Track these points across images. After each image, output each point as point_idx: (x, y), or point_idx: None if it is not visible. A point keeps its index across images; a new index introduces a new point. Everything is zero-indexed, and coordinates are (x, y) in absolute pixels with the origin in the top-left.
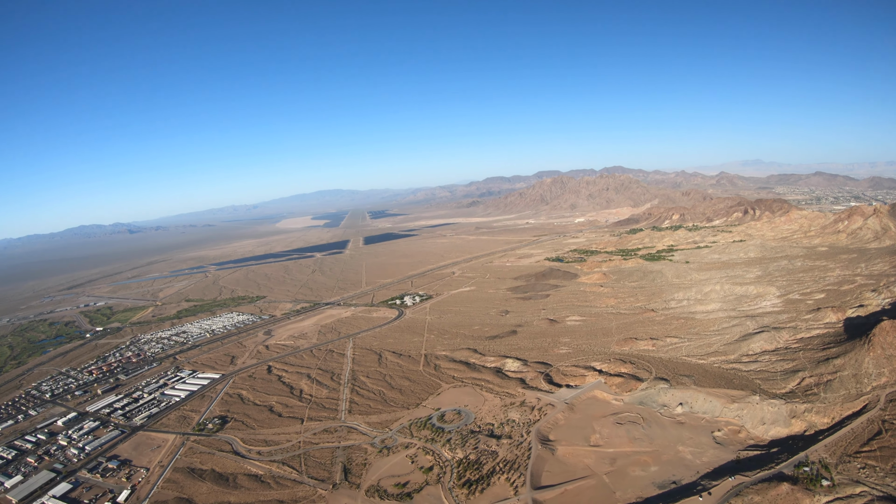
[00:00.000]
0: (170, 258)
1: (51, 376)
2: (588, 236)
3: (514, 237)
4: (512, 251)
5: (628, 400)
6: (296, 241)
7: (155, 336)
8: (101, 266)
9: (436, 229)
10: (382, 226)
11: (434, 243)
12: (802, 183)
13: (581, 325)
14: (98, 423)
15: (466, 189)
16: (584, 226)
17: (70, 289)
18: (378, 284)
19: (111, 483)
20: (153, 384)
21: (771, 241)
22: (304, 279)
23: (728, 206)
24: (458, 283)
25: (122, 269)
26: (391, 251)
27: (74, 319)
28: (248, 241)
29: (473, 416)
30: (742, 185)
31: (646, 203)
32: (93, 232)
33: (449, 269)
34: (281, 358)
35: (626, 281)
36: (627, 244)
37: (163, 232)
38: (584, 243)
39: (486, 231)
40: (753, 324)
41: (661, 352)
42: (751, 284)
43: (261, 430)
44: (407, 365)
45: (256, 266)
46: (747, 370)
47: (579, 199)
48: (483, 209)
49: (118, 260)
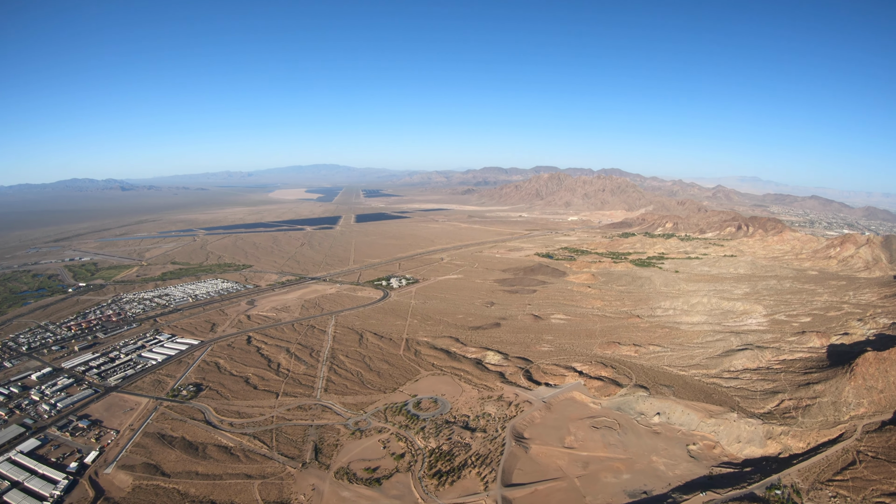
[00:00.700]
0: (160, 219)
1: (29, 329)
2: (580, 235)
3: (506, 229)
4: (503, 243)
5: (606, 404)
6: (287, 213)
7: (137, 296)
8: (90, 221)
9: (428, 213)
10: (375, 205)
11: (425, 227)
12: (798, 205)
13: (565, 324)
14: (72, 380)
15: (463, 176)
16: (576, 224)
17: (57, 241)
18: (366, 263)
19: (80, 443)
20: (131, 345)
21: (762, 259)
22: (292, 252)
23: (722, 220)
24: (445, 270)
25: (110, 226)
26: (382, 231)
27: (58, 273)
28: (240, 208)
29: (450, 406)
30: (738, 201)
31: (640, 208)
32: (85, 186)
33: (438, 254)
34: (262, 329)
35: (615, 284)
36: (618, 247)
37: (155, 191)
38: (576, 242)
39: (479, 220)
40: (737, 340)
41: (643, 359)
42: (738, 300)
43: (235, 402)
44: (387, 348)
45: (246, 234)
46: (727, 386)
47: (574, 198)
48: (477, 198)
49: (108, 216)
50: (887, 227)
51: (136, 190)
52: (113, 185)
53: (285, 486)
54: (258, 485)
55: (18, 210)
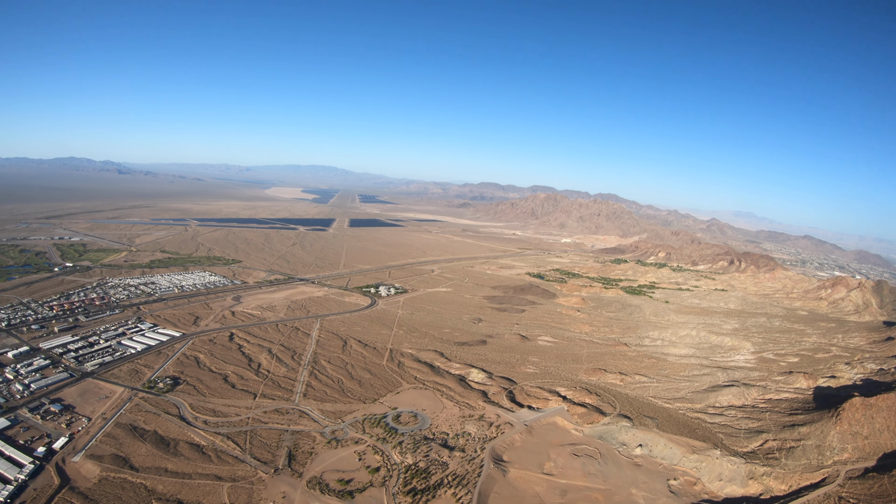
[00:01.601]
0: (153, 205)
1: (10, 305)
2: (572, 258)
3: (499, 246)
4: (494, 259)
5: (588, 432)
6: (282, 211)
7: (123, 282)
8: (83, 201)
9: (423, 224)
10: (371, 211)
11: (418, 238)
12: (790, 243)
13: (552, 347)
14: (49, 361)
15: (459, 189)
16: (569, 247)
17: (48, 218)
18: (356, 269)
19: (50, 427)
20: (112, 331)
21: (753, 295)
22: (283, 251)
23: (715, 254)
24: (435, 282)
25: (103, 208)
26: (375, 238)
27: (46, 251)
28: (235, 202)
29: (429, 422)
30: (731, 235)
31: (634, 235)
32: (82, 165)
33: (429, 266)
34: (245, 327)
35: (604, 310)
36: (610, 273)
37: (151, 177)
38: (568, 264)
39: (473, 235)
40: (724, 376)
41: (629, 388)
42: (727, 336)
43: (211, 399)
44: (371, 357)
45: (238, 229)
46: (712, 422)
47: (569, 220)
48: (473, 212)
49: (102, 198)
50: (878, 271)
51: (133, 174)
52: (110, 168)
53: (255, 491)
54: (228, 487)
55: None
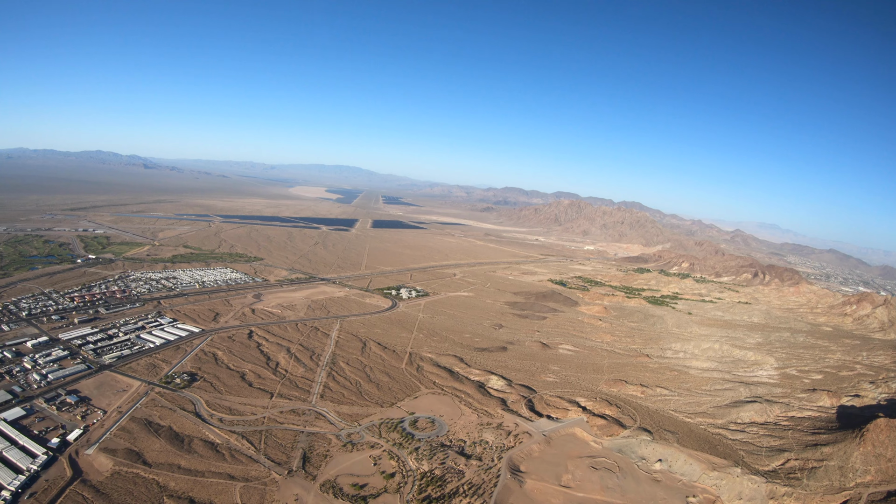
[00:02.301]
0: (178, 200)
1: (32, 294)
2: (595, 266)
3: (521, 251)
4: (517, 265)
5: (607, 445)
6: (305, 210)
7: (144, 276)
8: (108, 194)
9: (446, 227)
10: (394, 212)
11: (441, 241)
12: (815, 257)
13: (573, 356)
14: (67, 352)
15: (483, 193)
16: (592, 254)
17: (73, 210)
18: (377, 270)
19: (65, 418)
20: (131, 325)
21: (777, 309)
22: (306, 250)
23: (739, 265)
24: (457, 286)
25: (128, 202)
26: (397, 240)
27: (70, 242)
28: (259, 199)
29: (447, 429)
30: (755, 247)
31: (658, 244)
32: (108, 159)
33: (451, 269)
34: (264, 325)
35: (626, 320)
36: (633, 282)
37: (177, 173)
38: (590, 272)
39: (495, 240)
40: (747, 391)
41: (650, 401)
42: (750, 350)
43: (228, 397)
44: (390, 360)
45: (261, 226)
46: (733, 439)
47: (593, 227)
48: (496, 217)
49: (127, 191)
50: None
51: (159, 169)
52: (136, 162)
53: (268, 492)
54: (240, 487)
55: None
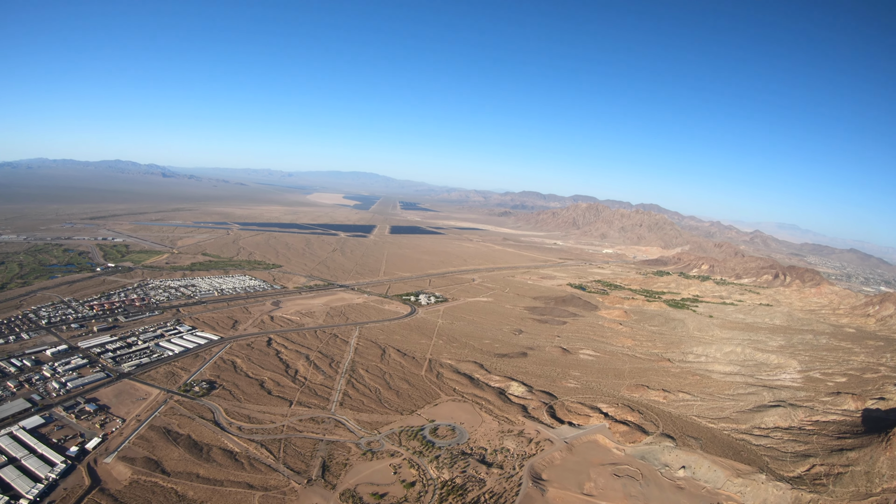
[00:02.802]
0: (196, 208)
1: (52, 303)
2: (614, 269)
3: (540, 255)
4: (536, 269)
5: (630, 451)
6: (323, 217)
7: (163, 284)
8: (127, 203)
9: (464, 232)
10: (412, 218)
11: (459, 246)
12: (835, 257)
13: (594, 361)
14: (86, 361)
15: (501, 198)
16: (611, 258)
17: (92, 219)
18: (396, 276)
19: (84, 427)
20: (150, 333)
21: (798, 311)
22: (324, 256)
23: (759, 267)
24: (476, 292)
25: (147, 210)
26: (415, 245)
27: (89, 251)
28: (277, 206)
29: (467, 437)
30: (775, 248)
31: (676, 247)
32: (127, 168)
33: (469, 275)
34: (283, 332)
35: (647, 324)
36: (653, 285)
37: (195, 181)
38: (610, 276)
39: (514, 244)
40: (770, 395)
41: (672, 406)
42: (772, 353)
43: (247, 405)
44: (409, 367)
45: (279, 234)
46: (757, 444)
47: (611, 230)
48: (514, 221)
49: (146, 200)
50: None
51: (177, 178)
52: (155, 171)
53: (287, 501)
54: (259, 496)
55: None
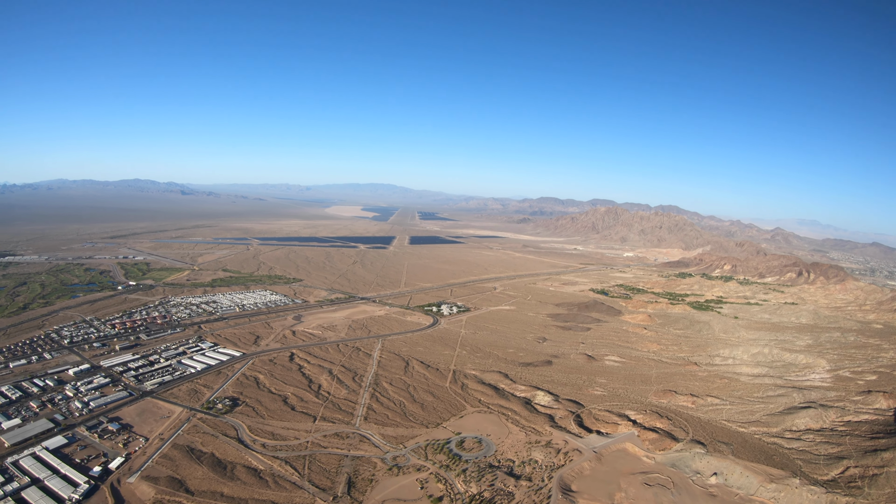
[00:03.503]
0: (216, 225)
1: (74, 322)
2: (636, 272)
3: (560, 261)
4: (557, 276)
5: (660, 459)
6: (342, 229)
7: (185, 301)
8: (147, 221)
9: (483, 240)
10: (430, 228)
11: (479, 254)
12: (858, 252)
13: (620, 367)
14: (108, 380)
15: (519, 205)
16: (632, 261)
17: (113, 238)
18: (417, 287)
19: (107, 446)
20: (172, 350)
21: (824, 308)
22: (344, 269)
23: (782, 265)
24: (498, 300)
25: (167, 228)
26: (435, 255)
27: (110, 269)
28: (296, 221)
29: (494, 449)
30: (797, 245)
31: (697, 248)
32: (146, 187)
33: (491, 283)
34: (306, 347)
35: (672, 327)
36: (676, 288)
37: (214, 198)
38: (632, 279)
39: (534, 251)
40: (800, 397)
41: (701, 411)
42: (800, 353)
43: (270, 421)
44: (433, 378)
45: (299, 248)
46: (789, 448)
47: (630, 233)
48: (533, 227)
49: (165, 218)
50: None
51: (196, 195)
52: (173, 189)
53: None
54: None
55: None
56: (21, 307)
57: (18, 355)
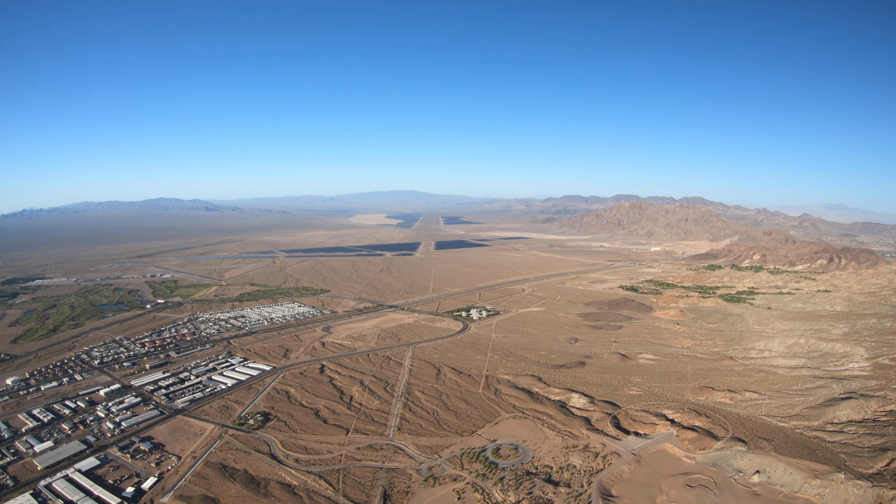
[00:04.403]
0: (241, 239)
1: (104, 343)
2: (664, 267)
3: (587, 259)
4: (585, 274)
5: (701, 459)
6: (367, 238)
7: (213, 316)
8: (174, 239)
9: (509, 242)
10: (455, 232)
11: (506, 256)
12: (887, 234)
13: (654, 365)
14: (139, 399)
15: (543, 205)
16: (659, 255)
17: (140, 257)
18: (445, 292)
19: (139, 466)
20: (202, 367)
21: (858, 294)
22: (371, 277)
23: (812, 252)
24: (527, 302)
25: (193, 245)
26: (462, 259)
27: (138, 288)
28: (321, 231)
29: (531, 455)
30: (825, 230)
31: (725, 238)
32: (171, 205)
33: (519, 285)
34: (336, 358)
35: (704, 321)
36: (706, 281)
37: (238, 213)
38: (661, 274)
39: (560, 250)
40: (840, 387)
41: (739, 407)
42: (837, 342)
43: (303, 435)
44: (466, 385)
45: (325, 258)
46: (831, 441)
47: (656, 227)
48: (558, 227)
49: (191, 235)
50: None
51: (221, 211)
52: (198, 206)
53: None
54: None
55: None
56: (51, 329)
57: (50, 378)
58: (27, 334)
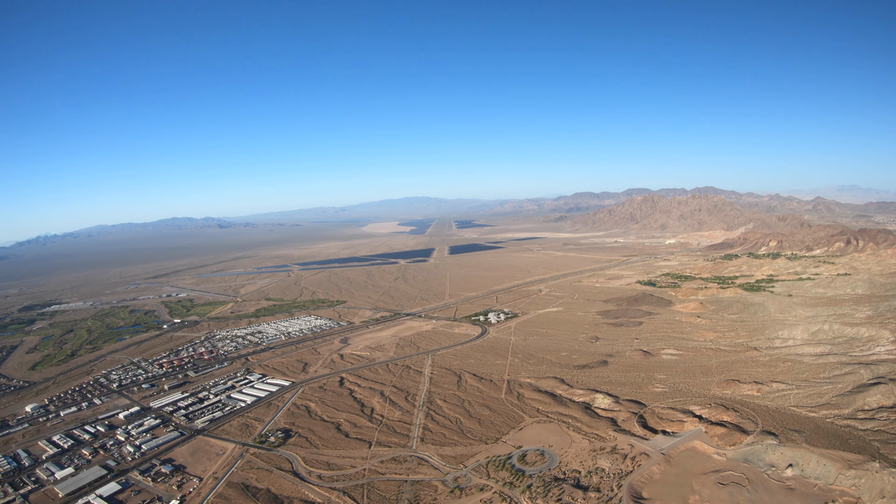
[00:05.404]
0: (255, 255)
1: (122, 365)
2: (680, 259)
3: (602, 256)
4: (601, 271)
5: (731, 455)
6: (380, 247)
7: (230, 333)
8: (188, 257)
9: (522, 243)
10: (468, 236)
11: (520, 257)
12: None
13: (677, 361)
14: (159, 421)
15: (554, 203)
16: (675, 248)
17: (155, 278)
18: (461, 297)
19: (161, 489)
20: (221, 385)
21: (879, 276)
22: (387, 286)
23: (829, 235)
24: (544, 302)
25: (207, 262)
26: (476, 263)
27: (155, 309)
28: (334, 242)
29: (558, 460)
30: (839, 212)
31: (740, 227)
32: (184, 224)
33: (535, 285)
34: (355, 370)
35: (725, 312)
36: (724, 271)
37: (251, 228)
38: (677, 267)
39: (574, 248)
40: (868, 373)
41: (767, 399)
42: (861, 326)
43: (325, 451)
44: (488, 391)
45: (339, 269)
46: (864, 429)
47: (670, 220)
48: (571, 225)
49: (205, 253)
50: None
51: (233, 227)
52: (211, 223)
53: None
54: None
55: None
56: (69, 354)
57: (69, 403)
58: (45, 360)
